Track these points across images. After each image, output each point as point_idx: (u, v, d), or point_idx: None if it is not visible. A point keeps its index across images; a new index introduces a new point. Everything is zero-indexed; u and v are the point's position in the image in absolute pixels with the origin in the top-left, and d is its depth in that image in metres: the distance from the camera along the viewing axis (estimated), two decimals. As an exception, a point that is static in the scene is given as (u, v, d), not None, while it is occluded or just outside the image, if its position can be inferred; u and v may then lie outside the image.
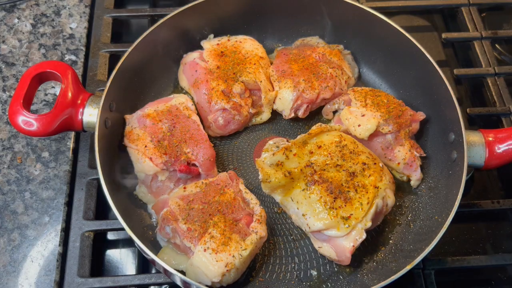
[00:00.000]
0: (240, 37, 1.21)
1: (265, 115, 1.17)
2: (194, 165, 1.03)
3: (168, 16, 1.12)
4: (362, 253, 1.01)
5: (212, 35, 1.22)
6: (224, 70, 1.13)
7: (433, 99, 1.11)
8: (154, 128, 1.04)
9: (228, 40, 1.20)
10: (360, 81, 1.27)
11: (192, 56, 1.17)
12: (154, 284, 0.98)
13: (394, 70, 1.22)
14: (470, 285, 1.10)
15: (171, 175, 1.03)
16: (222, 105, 1.09)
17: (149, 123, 1.04)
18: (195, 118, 1.08)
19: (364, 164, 1.00)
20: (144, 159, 1.01)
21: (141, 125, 1.04)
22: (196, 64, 1.15)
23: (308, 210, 0.96)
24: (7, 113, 1.17)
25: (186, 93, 1.19)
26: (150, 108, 1.07)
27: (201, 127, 1.07)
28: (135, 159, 1.03)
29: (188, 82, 1.16)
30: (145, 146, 1.01)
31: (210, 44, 1.19)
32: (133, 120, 1.06)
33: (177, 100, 1.09)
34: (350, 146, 1.02)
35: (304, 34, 1.28)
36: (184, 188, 1.00)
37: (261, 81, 1.13)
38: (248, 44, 1.19)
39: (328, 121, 1.18)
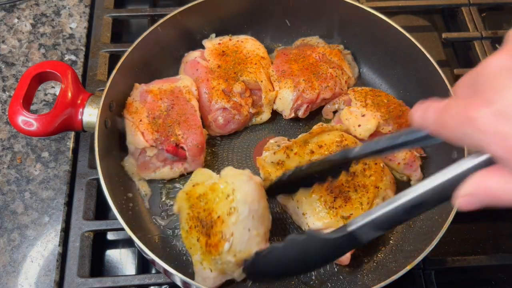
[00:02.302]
0: (242, 37, 1.21)
1: (265, 115, 1.17)
2: (182, 148, 1.04)
3: (168, 16, 1.12)
4: (362, 253, 1.01)
5: (213, 35, 1.22)
6: (225, 70, 1.13)
7: (433, 99, 1.11)
8: (153, 105, 1.06)
9: (230, 39, 1.20)
10: (360, 81, 1.27)
11: (193, 55, 1.18)
12: (154, 284, 0.98)
13: (394, 70, 1.22)
14: (470, 285, 1.10)
15: (159, 153, 1.04)
16: (223, 105, 1.09)
17: (150, 99, 1.07)
18: (194, 103, 1.09)
19: (365, 164, 1.00)
20: (136, 132, 1.03)
21: (142, 100, 1.07)
22: (197, 63, 1.15)
23: (308, 209, 0.96)
24: (7, 113, 1.17)
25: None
26: (155, 85, 1.10)
27: (198, 113, 1.08)
28: (128, 131, 1.05)
29: (189, 81, 1.17)
30: (140, 120, 1.04)
31: (211, 43, 1.19)
32: (136, 93, 1.09)
33: (183, 82, 1.11)
34: (351, 146, 1.02)
35: (304, 34, 1.28)
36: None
37: (261, 81, 1.13)
38: (249, 44, 1.19)
39: (328, 121, 1.18)
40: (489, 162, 0.54)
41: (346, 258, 0.94)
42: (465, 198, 0.57)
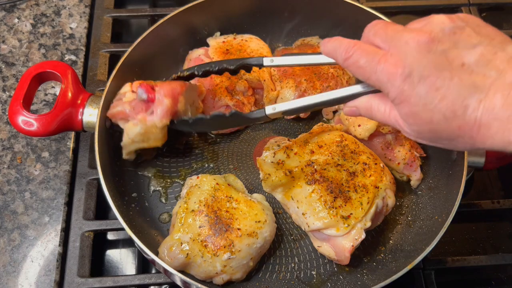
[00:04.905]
0: (246, 36, 1.21)
1: (266, 115, 1.17)
2: (155, 93, 0.97)
3: (169, 16, 1.12)
4: (362, 253, 1.01)
5: (218, 33, 1.22)
6: (229, 68, 1.13)
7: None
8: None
9: (234, 38, 1.20)
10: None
11: (197, 53, 1.18)
12: (154, 284, 0.98)
13: (394, 70, 1.22)
14: (470, 285, 1.10)
15: (133, 101, 0.98)
16: (225, 102, 1.10)
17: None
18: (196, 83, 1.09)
19: (365, 164, 1.00)
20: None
21: None
22: (201, 60, 1.15)
23: (308, 209, 0.96)
24: (7, 113, 1.17)
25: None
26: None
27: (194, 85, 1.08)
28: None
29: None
30: None
31: (215, 41, 1.19)
32: None
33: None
34: (351, 146, 1.02)
35: (304, 34, 1.28)
36: None
37: (264, 80, 1.13)
38: (253, 43, 1.19)
39: (328, 121, 1.18)
40: (375, 91, 0.75)
41: (345, 258, 0.94)
42: (352, 108, 0.79)
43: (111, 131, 1.03)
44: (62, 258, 1.00)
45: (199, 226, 0.91)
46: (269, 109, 0.87)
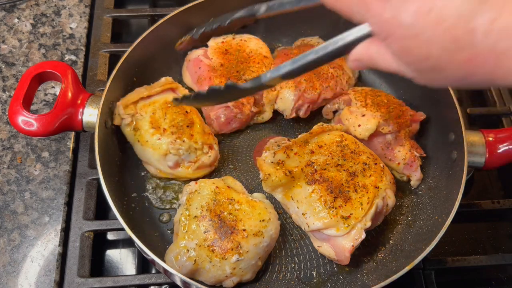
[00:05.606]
0: (245, 36, 1.21)
1: (267, 115, 1.17)
2: None
3: (169, 16, 1.12)
4: (362, 253, 1.01)
5: None
6: (228, 68, 1.13)
7: (433, 99, 1.11)
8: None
9: (233, 38, 1.20)
10: (360, 81, 1.27)
11: (196, 53, 1.18)
12: (154, 284, 0.98)
13: (394, 70, 1.22)
14: (470, 285, 1.10)
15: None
16: (226, 102, 1.10)
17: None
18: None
19: (365, 164, 1.00)
20: None
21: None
22: (200, 61, 1.15)
23: (308, 209, 0.96)
24: (7, 113, 1.17)
25: (189, 89, 1.19)
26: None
27: None
28: None
29: (192, 78, 1.17)
30: None
31: (214, 41, 1.19)
32: None
33: None
34: (351, 146, 1.02)
35: (304, 34, 1.28)
36: None
37: (263, 80, 1.13)
38: (252, 43, 1.19)
39: (329, 121, 1.18)
40: (370, 34, 0.62)
41: (345, 258, 0.94)
42: (354, 62, 0.65)
43: (111, 131, 1.03)
44: (62, 258, 1.00)
45: (204, 231, 0.91)
46: (265, 76, 0.76)
